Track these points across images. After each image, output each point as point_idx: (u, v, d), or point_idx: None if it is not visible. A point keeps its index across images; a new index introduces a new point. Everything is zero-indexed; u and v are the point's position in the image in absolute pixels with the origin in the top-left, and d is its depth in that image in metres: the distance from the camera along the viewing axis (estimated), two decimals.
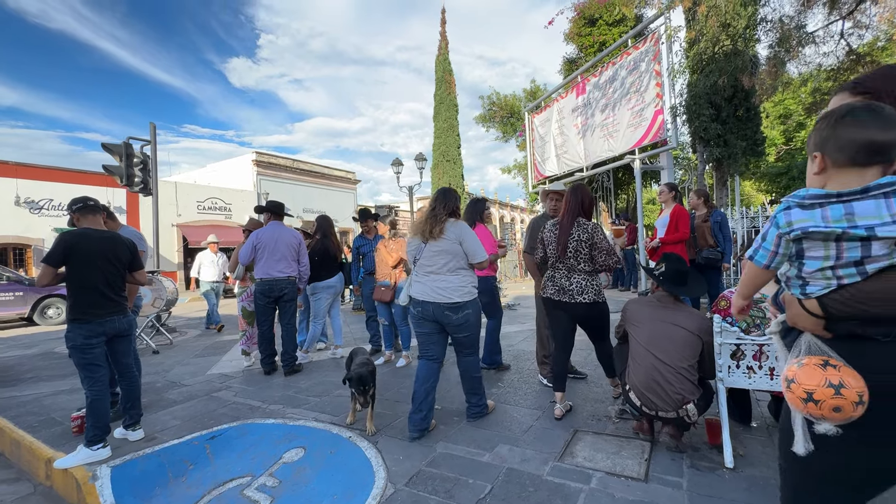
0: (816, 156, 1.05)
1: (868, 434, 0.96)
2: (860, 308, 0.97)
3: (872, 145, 0.96)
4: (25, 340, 7.36)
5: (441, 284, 2.78)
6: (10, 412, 3.50)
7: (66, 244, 2.66)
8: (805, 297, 1.05)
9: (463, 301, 2.78)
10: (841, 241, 0.96)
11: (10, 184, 14.65)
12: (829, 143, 1.02)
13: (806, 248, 1.03)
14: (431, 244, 2.82)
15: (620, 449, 2.45)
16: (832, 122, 1.02)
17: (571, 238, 2.86)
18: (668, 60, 7.23)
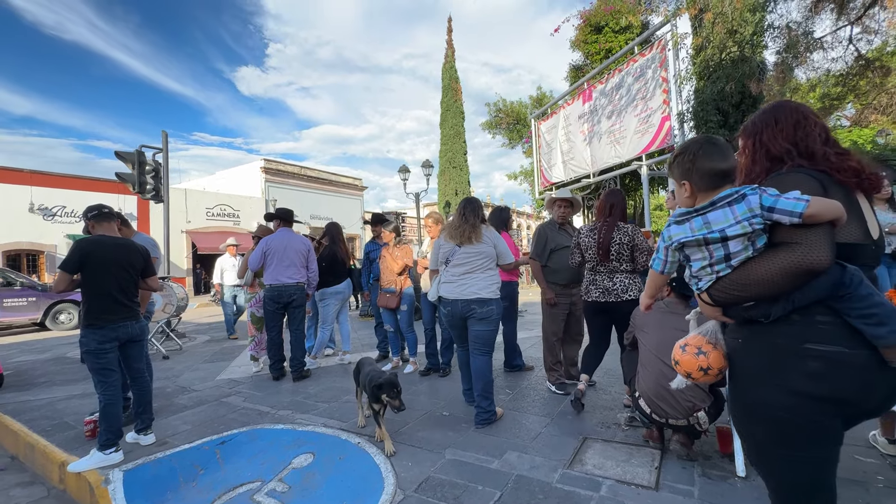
0: (685, 184, 1.30)
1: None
2: (732, 294, 1.20)
3: (721, 172, 1.24)
4: (38, 345, 7.46)
5: (472, 282, 3.05)
6: (24, 416, 3.55)
7: (81, 251, 2.71)
8: (700, 291, 1.29)
9: (489, 297, 3.04)
10: (708, 244, 1.20)
11: (25, 191, 14.93)
12: (692, 173, 1.27)
13: (689, 254, 1.27)
14: (466, 247, 3.08)
15: (630, 457, 2.43)
16: (691, 157, 1.27)
17: (613, 242, 3.01)
18: (675, 67, 7.24)
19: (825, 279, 1.11)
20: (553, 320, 3.64)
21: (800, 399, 1.13)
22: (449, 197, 18.04)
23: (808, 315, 1.13)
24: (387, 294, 4.49)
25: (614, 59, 9.19)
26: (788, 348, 1.15)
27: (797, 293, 1.13)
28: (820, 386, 1.11)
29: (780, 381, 1.16)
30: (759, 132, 1.34)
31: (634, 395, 2.52)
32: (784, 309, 1.14)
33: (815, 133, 1.27)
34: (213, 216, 19.70)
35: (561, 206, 3.69)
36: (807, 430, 1.15)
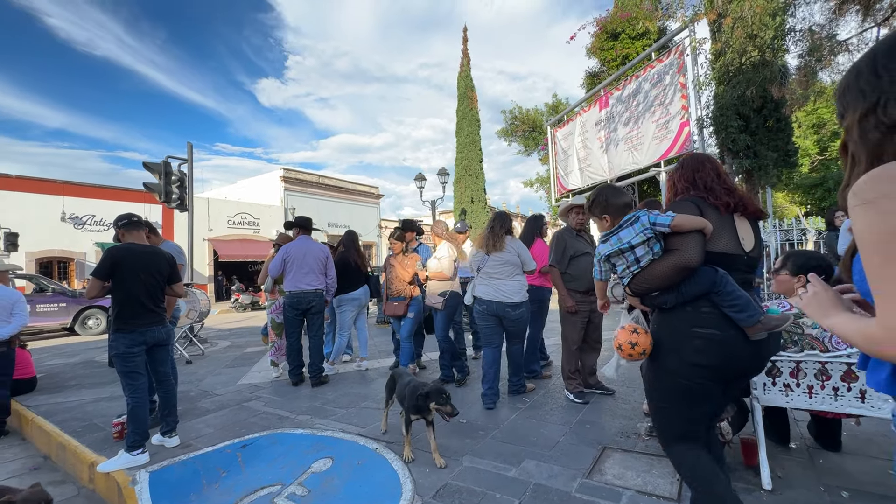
0: (605, 217, 1.85)
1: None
2: (642, 286, 1.70)
3: (625, 204, 1.84)
4: (68, 350, 7.73)
5: (504, 287, 3.53)
6: (55, 417, 3.69)
7: (112, 258, 2.83)
8: (625, 286, 1.78)
9: (520, 301, 3.55)
10: (623, 252, 1.70)
11: (57, 201, 15.56)
12: (609, 208, 1.83)
13: (615, 262, 1.77)
14: (494, 255, 3.55)
15: (651, 467, 2.39)
16: (605, 198, 1.86)
17: None
18: (694, 72, 7.17)
19: (704, 279, 1.57)
20: (572, 328, 3.61)
21: (692, 367, 1.59)
22: (465, 204, 18.08)
23: (696, 306, 1.60)
24: (394, 303, 4.46)
25: (631, 66, 9.14)
26: (683, 330, 1.62)
27: (684, 287, 1.60)
28: (703, 358, 1.57)
29: (678, 354, 1.62)
30: (673, 174, 1.87)
31: None
32: (676, 299, 1.62)
33: (709, 174, 1.75)
34: (234, 224, 20.16)
35: (578, 212, 3.68)
36: (696, 391, 1.61)
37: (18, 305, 3.93)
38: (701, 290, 1.58)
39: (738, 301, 1.53)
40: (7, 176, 14.83)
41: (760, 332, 1.56)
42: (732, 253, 1.64)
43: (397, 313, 4.44)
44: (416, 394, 2.61)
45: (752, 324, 1.53)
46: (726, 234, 1.64)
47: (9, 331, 3.82)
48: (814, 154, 18.25)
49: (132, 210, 3.27)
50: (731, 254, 1.64)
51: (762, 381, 2.20)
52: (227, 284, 20.47)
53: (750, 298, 1.57)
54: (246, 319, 12.14)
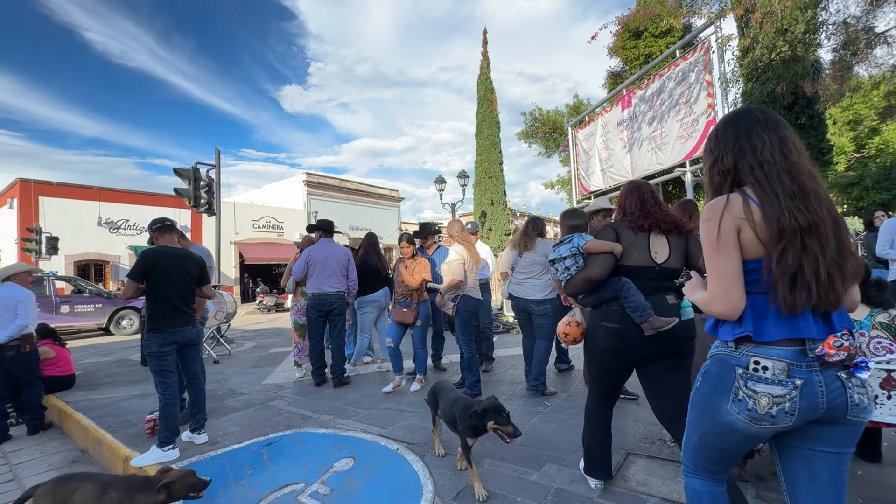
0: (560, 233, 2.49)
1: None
2: (571, 289, 2.26)
3: (573, 226, 2.56)
4: (103, 348, 8.07)
5: (530, 285, 3.92)
6: (92, 413, 3.85)
7: (146, 261, 2.95)
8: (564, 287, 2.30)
9: (544, 298, 3.89)
10: (562, 260, 2.27)
11: (94, 206, 16.28)
12: (563, 227, 2.63)
13: (558, 267, 2.31)
14: (525, 255, 3.94)
15: (677, 474, 2.33)
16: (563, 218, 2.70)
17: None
18: (721, 70, 6.98)
19: (612, 286, 2.08)
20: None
21: (601, 351, 2.19)
22: (485, 207, 18.04)
23: (608, 306, 2.12)
24: (403, 309, 4.24)
25: (655, 64, 8.97)
26: (596, 323, 2.18)
27: (599, 292, 2.14)
28: (608, 344, 2.13)
29: (595, 340, 2.22)
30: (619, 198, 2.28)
31: None
32: (594, 301, 2.19)
33: (633, 201, 2.15)
34: (258, 228, 20.67)
35: (606, 216, 3.56)
36: (605, 368, 2.23)
37: (22, 305, 3.76)
38: (610, 295, 2.10)
39: (633, 304, 2.01)
40: (48, 183, 15.62)
41: (649, 329, 1.99)
42: (643, 265, 2.08)
43: (406, 321, 4.21)
44: (468, 412, 2.27)
45: (642, 322, 2.00)
46: (637, 251, 2.08)
47: (8, 333, 3.68)
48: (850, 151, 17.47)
49: (164, 214, 3.39)
50: (642, 266, 2.08)
51: None
52: (252, 287, 20.99)
53: (644, 303, 2.00)
54: (270, 321, 12.41)
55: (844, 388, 1.13)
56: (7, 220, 15.92)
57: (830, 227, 1.16)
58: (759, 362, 1.16)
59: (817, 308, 1.14)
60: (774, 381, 1.14)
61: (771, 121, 1.27)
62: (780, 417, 1.13)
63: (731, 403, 1.20)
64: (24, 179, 15.14)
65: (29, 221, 13.84)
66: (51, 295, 9.60)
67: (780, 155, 1.22)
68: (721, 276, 1.20)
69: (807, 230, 1.14)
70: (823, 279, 1.13)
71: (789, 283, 1.13)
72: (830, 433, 1.18)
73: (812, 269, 1.13)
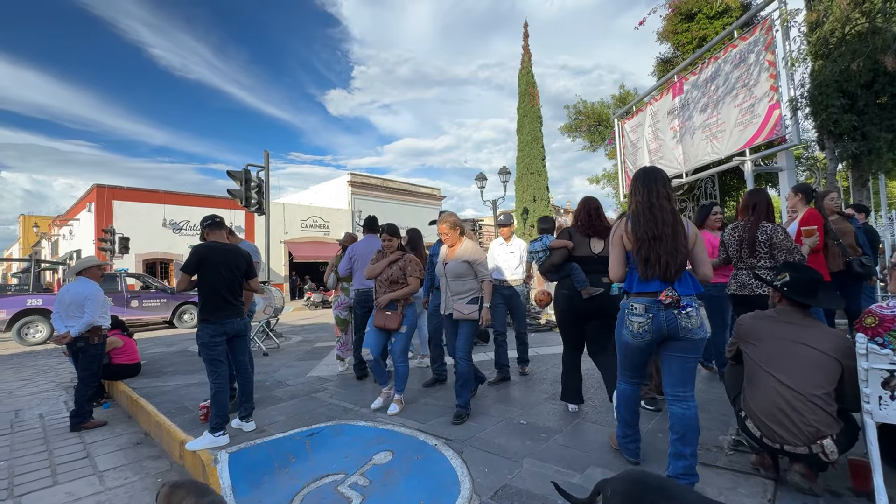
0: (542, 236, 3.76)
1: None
2: (543, 270, 3.41)
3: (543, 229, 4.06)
4: (167, 340, 8.67)
5: None
6: (155, 399, 4.13)
7: (198, 255, 3.10)
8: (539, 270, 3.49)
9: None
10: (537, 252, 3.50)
11: (159, 209, 17.59)
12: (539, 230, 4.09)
13: (533, 257, 3.58)
14: None
15: (736, 485, 2.15)
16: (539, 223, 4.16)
17: (757, 241, 3.08)
18: (785, 48, 6.41)
19: (566, 267, 3.19)
20: None
21: (560, 311, 3.26)
22: (527, 203, 17.73)
23: (564, 280, 3.19)
24: (387, 312, 3.53)
25: (709, 47, 8.40)
26: (558, 291, 3.25)
27: (559, 272, 3.25)
28: (562, 305, 3.22)
29: (558, 303, 3.28)
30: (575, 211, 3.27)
31: (740, 414, 2.23)
32: (555, 277, 3.29)
33: (583, 216, 3.19)
34: (306, 227, 21.48)
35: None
36: (565, 322, 3.27)
37: (89, 302, 3.85)
38: (564, 273, 3.19)
39: (576, 278, 3.10)
40: (120, 188, 17.04)
41: (586, 294, 3.05)
42: (584, 256, 3.14)
43: (390, 326, 3.48)
44: None
45: (581, 289, 3.06)
46: (582, 247, 3.17)
47: (77, 329, 3.80)
48: None
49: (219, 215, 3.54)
50: (584, 256, 3.15)
51: (877, 393, 1.89)
52: (300, 284, 21.84)
53: (583, 278, 3.08)
54: (317, 316, 12.85)
55: (676, 318, 2.09)
56: (86, 222, 17.54)
57: (669, 236, 2.11)
58: (633, 305, 2.20)
59: (662, 278, 2.11)
60: (640, 314, 2.16)
61: (649, 177, 2.25)
62: (644, 335, 2.16)
63: (624, 329, 2.24)
64: (100, 185, 16.60)
65: (104, 223, 15.17)
66: (122, 290, 10.45)
67: (645, 198, 2.21)
68: (614, 260, 2.33)
69: (653, 238, 2.12)
70: (663, 263, 2.09)
71: (644, 265, 2.14)
72: (676, 344, 2.16)
73: (656, 258, 2.10)
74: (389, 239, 3.71)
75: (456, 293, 3.37)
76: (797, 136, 6.53)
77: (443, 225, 3.47)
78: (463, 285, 3.36)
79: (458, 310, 3.32)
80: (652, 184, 2.19)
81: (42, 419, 4.21)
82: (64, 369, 6.44)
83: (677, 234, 2.10)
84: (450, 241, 3.46)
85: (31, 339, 9.24)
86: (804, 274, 2.22)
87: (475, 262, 3.35)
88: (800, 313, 2.17)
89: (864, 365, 1.89)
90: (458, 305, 3.34)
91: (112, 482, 2.83)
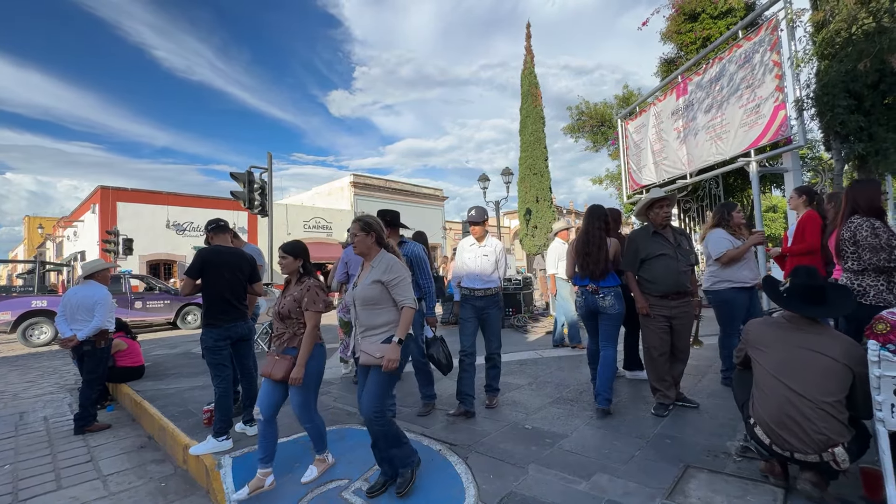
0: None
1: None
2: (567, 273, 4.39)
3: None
4: (170, 342, 8.69)
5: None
6: (158, 402, 4.13)
7: (202, 259, 3.10)
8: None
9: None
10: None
11: (163, 210, 17.65)
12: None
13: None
14: None
15: (745, 493, 2.12)
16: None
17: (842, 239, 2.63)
18: (790, 49, 6.36)
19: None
20: (650, 333, 3.33)
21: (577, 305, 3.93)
22: (529, 204, 17.70)
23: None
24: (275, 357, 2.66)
25: (714, 47, 8.36)
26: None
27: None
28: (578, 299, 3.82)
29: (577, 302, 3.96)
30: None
31: (749, 421, 2.20)
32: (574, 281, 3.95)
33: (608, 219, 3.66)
34: (309, 228, 21.51)
35: (662, 206, 3.36)
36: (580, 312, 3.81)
37: (99, 307, 3.86)
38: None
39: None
40: (124, 189, 17.11)
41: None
42: None
43: (276, 375, 2.55)
44: None
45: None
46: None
47: (85, 333, 3.82)
48: None
49: (223, 217, 3.54)
50: None
51: (889, 401, 1.86)
52: None
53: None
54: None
55: (597, 300, 3.37)
56: (90, 223, 17.61)
57: (595, 251, 3.37)
58: (579, 291, 3.54)
59: (590, 277, 3.40)
60: (579, 296, 3.55)
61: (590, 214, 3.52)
62: (581, 309, 3.56)
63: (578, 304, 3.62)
64: (104, 187, 16.67)
65: (108, 224, 15.23)
66: (126, 292, 10.48)
67: (585, 227, 3.49)
68: (569, 265, 3.69)
69: (587, 253, 3.41)
70: (590, 269, 3.38)
71: (581, 269, 3.47)
72: (601, 317, 3.42)
73: (586, 265, 3.41)
74: (284, 257, 2.70)
75: (366, 328, 2.36)
76: (803, 136, 6.49)
77: (354, 224, 2.46)
78: (375, 316, 2.34)
79: (366, 351, 2.30)
80: (590, 218, 3.48)
81: (46, 422, 4.22)
82: (68, 371, 6.46)
83: (601, 251, 3.37)
84: (359, 248, 2.44)
85: (35, 341, 9.28)
86: (802, 280, 2.16)
87: (390, 283, 2.30)
88: (808, 319, 2.14)
89: (876, 372, 1.86)
90: (366, 345, 2.33)
91: (116, 486, 2.83)
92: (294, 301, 2.63)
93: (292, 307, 2.63)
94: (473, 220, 3.66)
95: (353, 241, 2.45)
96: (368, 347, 2.31)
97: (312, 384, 2.62)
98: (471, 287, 3.59)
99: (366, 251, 2.42)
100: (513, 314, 8.09)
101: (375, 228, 2.41)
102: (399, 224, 3.65)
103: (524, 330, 7.49)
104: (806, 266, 2.29)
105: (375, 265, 2.36)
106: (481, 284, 3.56)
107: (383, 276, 2.31)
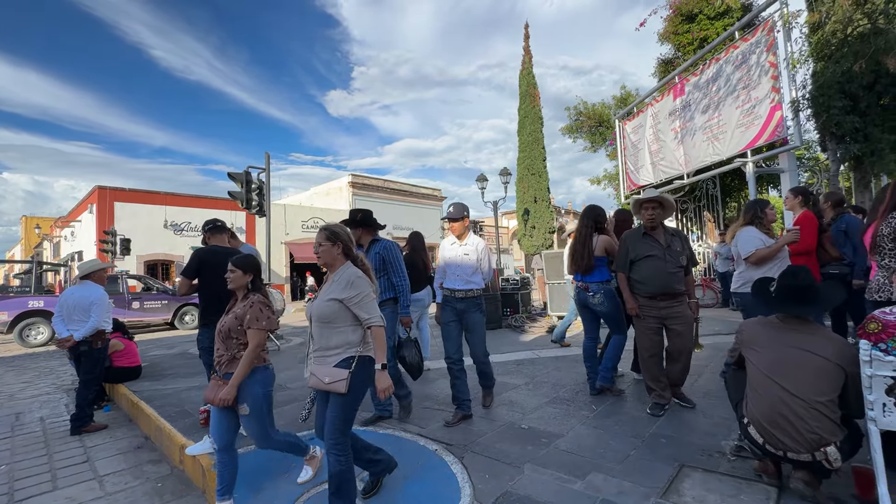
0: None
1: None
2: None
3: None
4: (167, 342, 8.68)
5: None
6: (155, 402, 4.13)
7: (199, 259, 3.10)
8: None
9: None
10: None
11: (161, 210, 17.62)
12: None
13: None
14: None
15: (739, 492, 2.13)
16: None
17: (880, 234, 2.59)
18: (786, 50, 6.40)
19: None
20: (640, 334, 3.35)
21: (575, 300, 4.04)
22: (528, 204, 17.73)
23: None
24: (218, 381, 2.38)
25: (711, 48, 8.39)
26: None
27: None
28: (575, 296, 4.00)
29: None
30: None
31: (742, 420, 2.22)
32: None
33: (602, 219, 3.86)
34: (307, 229, 21.49)
35: (648, 207, 3.34)
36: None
37: (95, 308, 3.84)
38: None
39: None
40: (122, 189, 17.08)
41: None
42: None
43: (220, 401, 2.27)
44: None
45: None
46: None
47: (81, 333, 3.79)
48: None
49: (221, 217, 3.55)
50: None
51: (881, 400, 1.87)
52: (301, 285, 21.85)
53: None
54: None
55: (587, 296, 3.70)
56: (88, 223, 17.58)
57: (580, 248, 3.71)
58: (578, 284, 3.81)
59: (581, 273, 3.72)
60: (577, 290, 3.83)
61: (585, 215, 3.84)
62: (577, 302, 3.87)
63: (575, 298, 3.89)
64: (102, 187, 16.63)
65: (105, 225, 15.20)
66: (124, 292, 10.46)
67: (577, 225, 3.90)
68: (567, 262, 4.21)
69: (574, 251, 3.78)
70: (578, 264, 3.72)
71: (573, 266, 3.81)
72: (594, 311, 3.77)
73: (577, 262, 3.74)
74: (233, 270, 2.44)
75: (318, 348, 2.14)
76: (799, 137, 6.52)
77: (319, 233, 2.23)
78: (330, 336, 2.10)
79: (316, 374, 2.07)
80: (581, 217, 3.83)
81: (43, 422, 4.21)
82: (65, 372, 6.45)
83: (585, 247, 3.67)
84: (323, 259, 2.22)
85: (32, 341, 9.26)
86: (787, 281, 2.18)
87: (351, 301, 2.07)
88: (800, 318, 2.15)
89: (868, 372, 1.87)
90: (316, 368, 2.10)
91: (112, 487, 2.83)
92: (236, 318, 2.36)
93: (233, 325, 2.35)
94: (451, 217, 3.47)
95: (317, 252, 2.21)
96: (318, 371, 2.07)
97: (262, 411, 2.36)
98: (452, 288, 3.41)
99: (331, 262, 2.20)
100: (510, 314, 8.11)
101: (343, 239, 2.20)
102: (373, 223, 3.48)
103: (521, 330, 7.50)
104: (794, 266, 2.30)
105: (336, 279, 2.14)
106: (462, 285, 3.36)
107: (343, 294, 2.06)
